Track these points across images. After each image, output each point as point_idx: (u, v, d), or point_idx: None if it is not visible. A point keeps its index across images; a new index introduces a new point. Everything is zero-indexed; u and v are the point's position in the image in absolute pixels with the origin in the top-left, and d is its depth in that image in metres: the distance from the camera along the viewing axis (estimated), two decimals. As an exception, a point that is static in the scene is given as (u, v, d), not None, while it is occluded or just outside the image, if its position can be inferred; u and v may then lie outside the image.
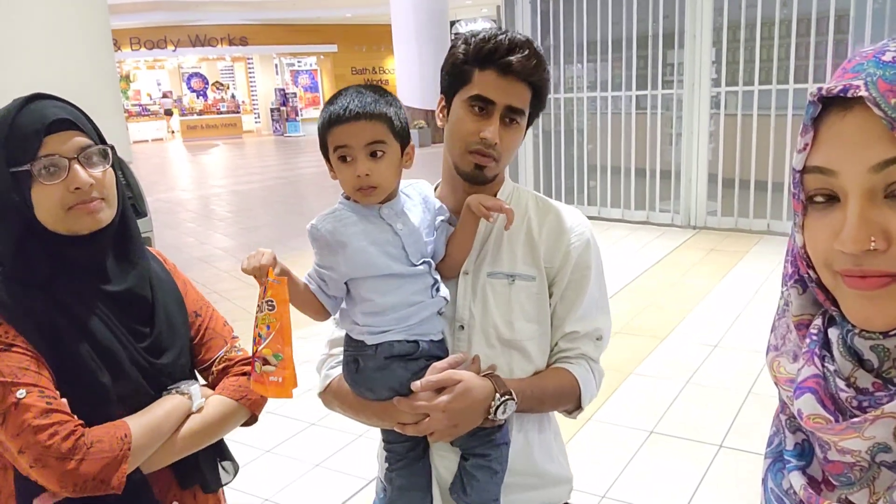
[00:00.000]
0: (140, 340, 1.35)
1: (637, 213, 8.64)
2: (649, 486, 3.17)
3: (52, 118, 1.23)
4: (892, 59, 0.62)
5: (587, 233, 1.49)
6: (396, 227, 1.35)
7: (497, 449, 1.38)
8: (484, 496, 1.38)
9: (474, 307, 1.43)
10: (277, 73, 29.51)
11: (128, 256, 1.38)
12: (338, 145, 1.32)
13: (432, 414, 1.31)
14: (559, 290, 1.46)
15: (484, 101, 1.36)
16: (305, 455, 3.60)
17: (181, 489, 1.42)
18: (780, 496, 0.76)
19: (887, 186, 0.62)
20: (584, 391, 1.46)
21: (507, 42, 1.35)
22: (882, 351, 0.67)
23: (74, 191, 1.24)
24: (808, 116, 0.67)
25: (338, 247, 1.33)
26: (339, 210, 1.37)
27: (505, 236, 1.46)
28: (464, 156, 1.39)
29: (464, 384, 1.32)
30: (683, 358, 4.54)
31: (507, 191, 1.50)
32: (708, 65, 7.85)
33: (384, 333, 1.35)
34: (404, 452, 1.44)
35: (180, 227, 10.08)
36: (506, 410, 1.33)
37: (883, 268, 0.63)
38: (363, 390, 1.40)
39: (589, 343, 1.48)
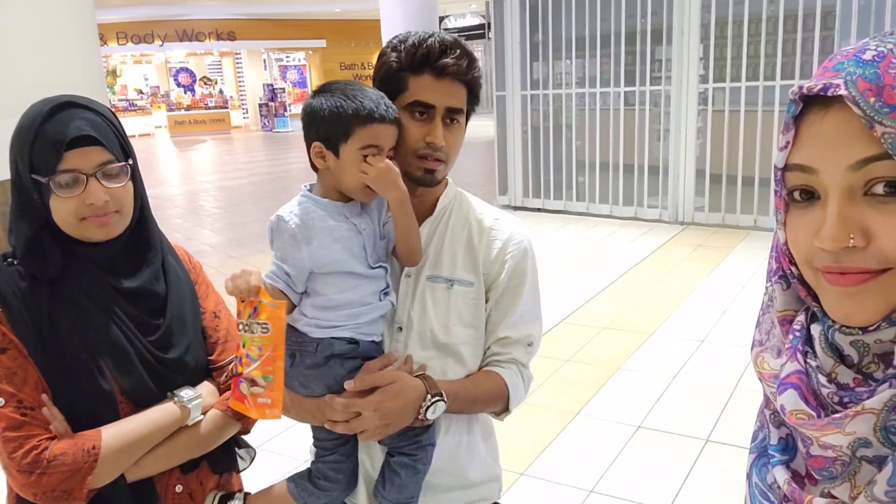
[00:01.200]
0: (149, 334, 1.36)
1: (625, 209, 8.66)
2: (636, 481, 3.19)
3: (73, 134, 1.23)
4: (872, 58, 0.63)
5: (525, 241, 1.51)
6: (360, 226, 1.36)
7: (423, 449, 1.41)
8: (404, 493, 1.40)
9: (413, 310, 1.45)
10: (266, 68, 29.39)
11: (143, 255, 1.38)
12: (372, 143, 1.31)
13: (364, 412, 1.32)
14: (495, 296, 1.48)
15: (424, 106, 1.38)
16: (296, 451, 3.59)
17: (183, 474, 1.43)
18: (765, 490, 0.77)
19: (866, 184, 0.63)
20: (513, 395, 1.49)
21: (437, 45, 1.36)
22: (862, 346, 0.68)
23: (89, 205, 1.26)
24: (790, 114, 0.68)
25: (303, 241, 1.33)
26: (304, 203, 1.37)
27: (446, 241, 1.48)
28: (413, 161, 1.40)
29: (397, 384, 1.33)
30: (670, 354, 4.57)
31: (450, 194, 1.52)
32: (696, 61, 7.87)
33: (332, 329, 1.36)
34: (332, 447, 1.46)
35: (168, 223, 10.03)
36: (436, 411, 1.35)
37: (862, 264, 0.64)
38: (297, 386, 1.40)
39: (520, 348, 1.51)
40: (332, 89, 1.34)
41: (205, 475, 1.48)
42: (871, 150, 0.61)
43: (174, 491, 1.41)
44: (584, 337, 4.88)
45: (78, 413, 1.28)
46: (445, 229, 1.49)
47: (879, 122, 0.60)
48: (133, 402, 1.34)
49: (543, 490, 3.16)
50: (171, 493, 1.41)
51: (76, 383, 1.28)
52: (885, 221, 0.62)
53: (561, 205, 9.20)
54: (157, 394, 1.36)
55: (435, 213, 1.49)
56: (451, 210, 1.51)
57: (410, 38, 1.39)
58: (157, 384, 1.36)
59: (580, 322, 5.21)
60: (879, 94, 0.60)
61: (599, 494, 3.10)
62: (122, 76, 28.40)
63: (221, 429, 1.44)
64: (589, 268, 6.61)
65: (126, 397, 1.33)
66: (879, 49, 0.63)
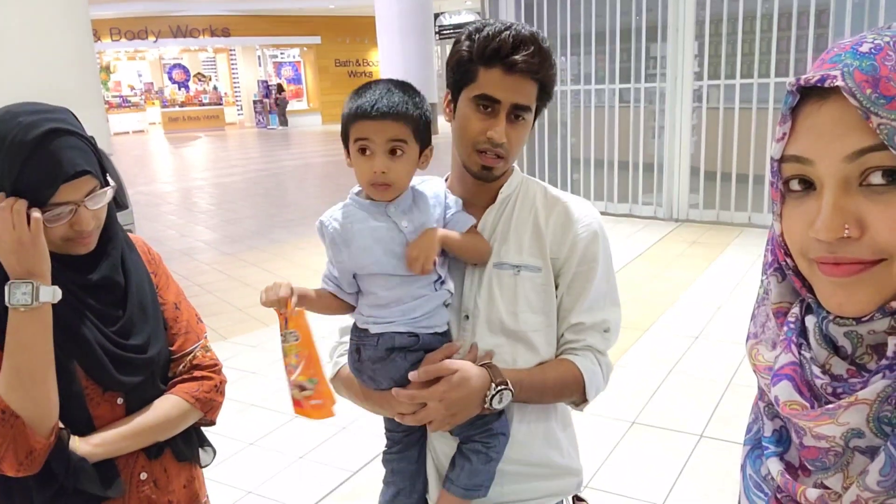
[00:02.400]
0: (111, 324, 1.37)
1: (620, 206, 8.67)
2: (631, 476, 3.20)
3: (70, 171, 1.23)
4: (869, 50, 0.63)
5: (595, 224, 1.47)
6: (401, 224, 1.35)
7: (495, 437, 1.39)
8: (474, 480, 1.39)
9: (479, 298, 1.43)
10: (260, 64, 29.33)
11: (102, 247, 1.39)
12: (359, 137, 1.32)
13: (429, 403, 1.33)
14: (565, 281, 1.45)
15: (490, 101, 1.35)
16: (289, 447, 3.60)
17: (149, 459, 1.44)
18: (759, 482, 0.77)
19: (861, 175, 0.63)
20: (589, 383, 1.44)
21: (511, 39, 1.32)
22: (855, 337, 0.68)
23: (77, 230, 1.28)
24: (787, 106, 0.68)
25: (343, 244, 1.36)
26: (347, 206, 1.39)
27: (512, 227, 1.46)
28: (471, 155, 1.39)
29: (460, 374, 1.32)
30: (665, 349, 4.58)
31: (514, 182, 1.49)
32: (690, 58, 7.88)
33: (388, 324, 1.37)
34: (400, 438, 1.47)
35: (162, 219, 10.00)
36: (502, 400, 1.34)
37: (856, 255, 0.64)
38: (365, 379, 1.42)
39: (595, 335, 1.47)
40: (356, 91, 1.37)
41: (169, 463, 1.48)
42: (867, 140, 0.61)
43: (139, 478, 1.42)
44: (578, 333, 4.86)
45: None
46: (511, 216, 1.46)
47: (875, 114, 0.60)
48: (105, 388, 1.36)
49: (538, 486, 3.17)
50: (135, 481, 1.42)
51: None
52: (879, 212, 0.62)
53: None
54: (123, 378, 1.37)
55: (498, 201, 1.47)
56: (515, 197, 1.49)
57: (486, 29, 1.35)
58: (121, 372, 1.37)
59: (575, 318, 5.21)
60: (876, 85, 0.61)
61: (594, 490, 3.11)
62: (115, 72, 28.31)
63: (184, 416, 1.46)
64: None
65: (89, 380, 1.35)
66: (876, 42, 0.64)
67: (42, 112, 1.26)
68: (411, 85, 1.38)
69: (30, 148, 1.21)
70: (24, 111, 1.25)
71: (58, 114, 1.28)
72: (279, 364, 1.38)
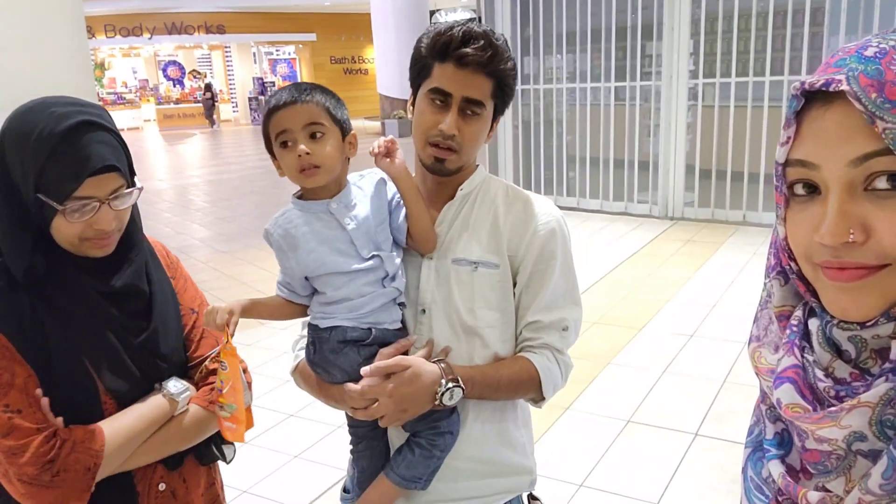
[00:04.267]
0: (137, 335, 1.34)
1: (615, 205, 8.68)
2: (626, 475, 3.21)
3: (97, 165, 1.20)
4: (874, 54, 0.63)
5: (553, 222, 1.48)
6: (344, 222, 1.37)
7: (441, 436, 1.41)
8: (412, 471, 1.41)
9: (437, 292, 1.44)
10: (255, 61, 29.26)
11: (126, 254, 1.36)
12: (278, 131, 1.35)
13: (380, 399, 1.34)
14: (523, 278, 1.46)
15: (442, 94, 1.38)
16: (284, 446, 3.59)
17: (168, 470, 1.41)
18: (760, 484, 0.77)
19: (866, 179, 0.63)
20: (545, 381, 1.45)
21: (461, 34, 1.36)
22: (859, 342, 0.68)
23: (96, 229, 1.24)
24: (791, 110, 0.68)
25: (289, 249, 1.38)
26: (288, 211, 1.41)
27: (471, 223, 1.47)
28: (425, 148, 1.42)
29: (412, 370, 1.34)
30: (660, 348, 4.59)
31: (476, 180, 1.51)
32: (686, 56, 7.89)
33: (334, 318, 1.39)
34: (364, 434, 1.48)
35: (156, 217, 9.98)
36: (453, 397, 1.35)
37: (861, 260, 0.64)
38: (320, 372, 1.44)
39: (553, 333, 1.47)
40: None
41: (188, 472, 1.45)
42: (872, 145, 0.61)
43: (157, 490, 1.39)
44: (574, 332, 4.87)
45: (62, 413, 1.25)
46: (469, 212, 1.48)
47: (881, 118, 0.60)
48: (122, 402, 1.32)
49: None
50: (153, 492, 1.38)
51: (60, 383, 1.25)
52: (884, 217, 0.62)
53: (551, 200, 9.19)
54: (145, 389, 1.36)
55: (458, 197, 1.48)
56: (476, 193, 1.50)
57: (440, 26, 1.40)
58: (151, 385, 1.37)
59: (570, 317, 5.21)
60: (881, 89, 0.61)
61: (589, 489, 3.11)
62: (110, 69, 28.20)
63: (204, 423, 1.43)
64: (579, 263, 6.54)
65: (114, 398, 1.31)
66: (881, 46, 0.64)
67: (76, 105, 1.23)
68: (321, 85, 1.42)
69: (59, 138, 1.17)
70: (59, 103, 1.22)
71: (92, 108, 1.25)
72: (274, 363, 1.40)
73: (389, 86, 16.91)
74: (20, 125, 1.20)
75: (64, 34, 5.30)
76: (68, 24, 5.36)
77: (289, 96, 1.35)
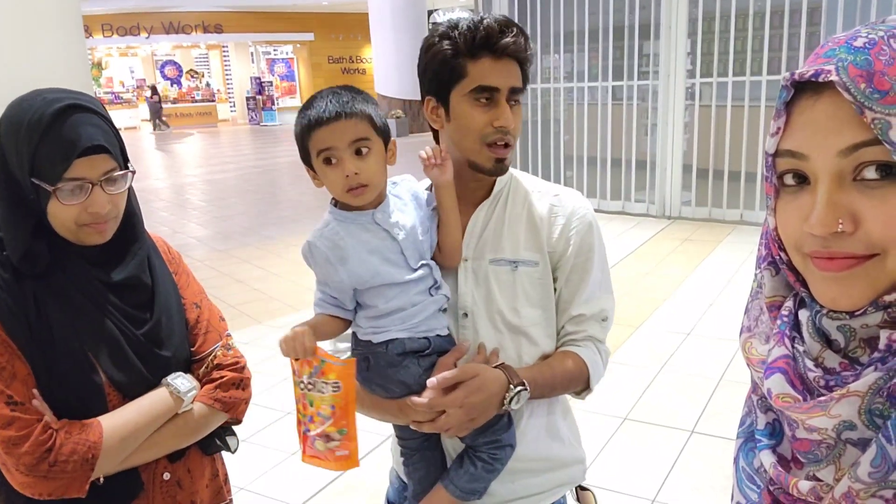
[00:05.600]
0: (139, 326, 1.35)
1: (613, 204, 8.68)
2: (623, 472, 3.21)
3: (86, 144, 1.21)
4: (863, 45, 0.63)
5: (589, 215, 1.47)
6: (394, 232, 1.33)
7: (502, 450, 1.38)
8: (473, 485, 1.38)
9: (477, 294, 1.42)
10: (253, 61, 29.23)
11: (128, 247, 1.37)
12: (322, 148, 1.28)
13: (449, 410, 1.29)
14: (563, 273, 1.44)
15: (488, 90, 1.33)
16: (281, 444, 3.59)
17: (171, 462, 1.42)
18: (751, 474, 0.78)
19: (855, 170, 0.63)
20: (593, 372, 1.45)
21: (496, 25, 1.32)
22: (848, 331, 0.69)
23: (91, 213, 1.25)
24: (781, 101, 0.68)
25: (338, 262, 1.31)
26: (331, 224, 1.33)
27: (506, 223, 1.44)
28: (481, 151, 1.36)
29: (480, 378, 1.31)
30: (657, 346, 4.59)
31: (505, 177, 1.47)
32: (683, 56, 7.90)
33: (387, 333, 1.34)
34: (418, 445, 1.44)
35: (154, 216, 9.97)
36: (519, 400, 1.33)
37: (850, 250, 0.64)
38: (375, 388, 1.39)
39: (595, 325, 1.47)
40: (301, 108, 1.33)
41: (193, 463, 1.47)
42: (862, 135, 0.62)
43: (161, 479, 1.41)
44: (571, 330, 4.87)
45: (67, 405, 1.27)
46: (504, 211, 1.45)
47: (870, 108, 0.61)
48: (126, 394, 1.33)
49: (531, 482, 3.17)
50: (158, 481, 1.40)
51: (66, 375, 1.26)
52: (873, 206, 0.63)
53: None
54: (154, 385, 1.37)
55: (491, 196, 1.45)
56: (507, 191, 1.47)
57: (463, 23, 1.34)
58: (156, 378, 1.37)
59: (568, 315, 5.22)
60: (870, 80, 0.61)
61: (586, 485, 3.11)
62: (107, 69, 28.16)
63: (208, 419, 1.43)
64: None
65: (117, 389, 1.32)
66: (870, 36, 0.64)
67: (67, 92, 1.26)
68: (354, 86, 1.35)
69: (49, 121, 1.20)
70: (50, 91, 1.25)
71: (82, 95, 1.27)
72: (272, 361, 1.37)
73: (387, 85, 16.88)
74: (14, 114, 1.23)
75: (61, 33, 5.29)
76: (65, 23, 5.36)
77: (333, 110, 1.26)
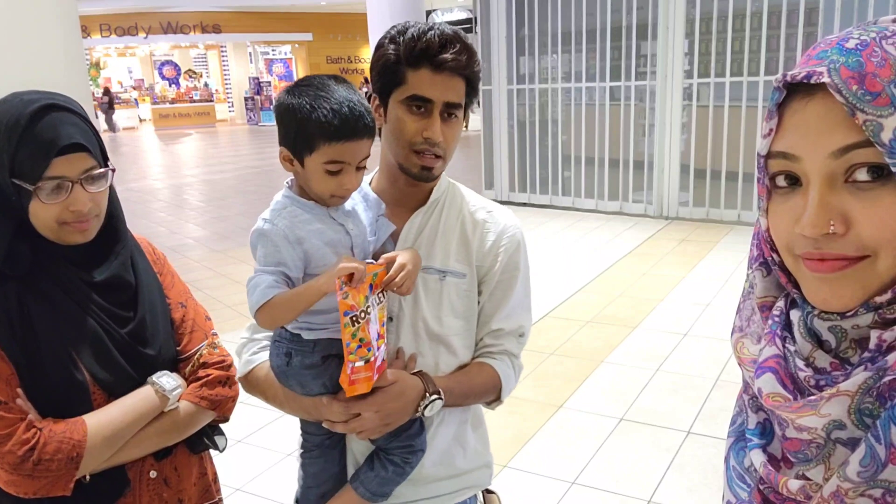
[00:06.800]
0: (123, 325, 1.35)
1: (610, 204, 8.69)
2: (618, 472, 3.21)
3: (64, 142, 1.22)
4: (855, 46, 0.63)
5: (518, 234, 1.51)
6: (348, 227, 1.33)
7: (414, 454, 1.41)
8: (383, 488, 1.40)
9: (404, 301, 1.43)
10: (251, 61, 29.22)
11: (112, 246, 1.38)
12: (338, 160, 1.26)
13: (364, 413, 1.31)
14: (488, 288, 1.48)
15: (422, 101, 1.35)
16: (277, 444, 3.59)
17: (157, 460, 1.42)
18: (742, 474, 0.78)
19: (847, 171, 0.64)
20: (505, 385, 1.49)
21: (437, 39, 1.33)
22: (839, 332, 0.69)
23: (72, 211, 1.25)
24: (773, 102, 0.68)
25: (295, 242, 1.28)
26: (288, 206, 1.31)
27: (439, 232, 1.46)
28: (409, 157, 1.38)
29: (399, 385, 1.33)
30: (653, 346, 4.60)
31: (442, 186, 1.51)
32: (681, 56, 7.90)
33: (322, 331, 1.34)
34: (321, 441, 1.45)
35: (151, 216, 9.97)
36: (433, 409, 1.36)
37: (841, 251, 0.65)
38: (293, 384, 1.38)
39: (512, 340, 1.51)
40: (302, 92, 1.27)
41: (180, 461, 1.47)
42: (853, 137, 0.62)
43: (148, 476, 1.41)
44: (568, 330, 4.90)
45: (51, 404, 1.27)
46: (438, 220, 1.47)
47: (861, 110, 0.61)
48: (111, 392, 1.33)
49: (526, 482, 3.18)
50: (145, 479, 1.40)
51: (50, 375, 1.26)
52: (864, 208, 0.63)
53: (547, 199, 9.22)
54: (139, 384, 1.37)
55: (427, 204, 1.47)
56: (443, 201, 1.50)
57: (409, 31, 1.36)
58: (142, 377, 1.37)
59: (565, 315, 5.23)
60: (862, 81, 0.61)
61: (581, 486, 3.12)
62: (105, 69, 28.14)
63: (194, 418, 1.43)
64: (574, 262, 6.62)
65: (101, 388, 1.32)
66: (862, 38, 0.64)
67: (44, 93, 1.27)
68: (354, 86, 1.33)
69: (26, 121, 1.20)
70: (28, 92, 1.26)
71: (59, 96, 1.28)
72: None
73: (385, 85, 16.83)
74: None
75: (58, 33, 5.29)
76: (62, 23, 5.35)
77: (361, 125, 1.25)
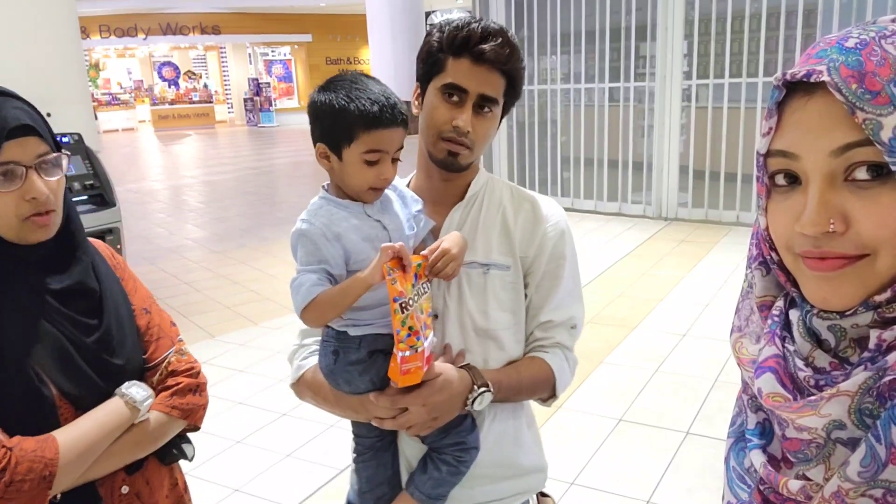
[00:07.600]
0: (89, 334, 1.30)
1: (609, 205, 8.69)
2: (617, 473, 3.21)
3: (13, 124, 1.18)
4: (855, 45, 0.63)
5: (562, 223, 1.49)
6: (385, 223, 1.33)
7: (467, 452, 1.38)
8: (438, 490, 1.38)
9: (449, 297, 1.42)
10: (251, 62, 29.23)
11: (72, 252, 1.33)
12: (376, 148, 1.27)
13: (412, 408, 1.29)
14: (535, 280, 1.46)
15: (457, 90, 1.36)
16: (276, 445, 3.59)
17: (128, 475, 1.37)
18: (742, 474, 0.78)
19: (847, 170, 0.63)
20: (559, 380, 1.46)
21: (480, 30, 1.34)
22: (839, 331, 0.69)
23: (30, 200, 1.21)
24: (773, 101, 0.68)
25: (334, 239, 1.29)
26: (325, 206, 1.33)
27: (480, 226, 1.45)
28: (437, 143, 1.39)
29: (444, 377, 1.31)
30: (652, 347, 4.60)
31: (480, 181, 1.50)
32: (680, 57, 7.91)
33: (367, 327, 1.33)
34: (372, 443, 1.44)
35: (151, 217, 9.96)
36: (482, 402, 1.33)
37: (841, 250, 0.64)
38: (340, 383, 1.37)
39: (563, 332, 1.48)
40: (337, 87, 1.30)
41: (151, 474, 1.42)
42: (853, 136, 0.62)
43: (120, 492, 1.35)
44: (567, 331, 4.88)
45: (17, 422, 1.20)
46: (478, 214, 1.46)
47: (861, 109, 0.61)
48: (78, 406, 1.27)
49: (527, 483, 3.17)
50: (116, 495, 1.35)
51: (14, 390, 1.20)
52: (864, 207, 0.63)
53: (547, 200, 9.22)
54: (107, 395, 1.31)
55: (466, 199, 1.47)
56: (482, 195, 1.49)
57: (456, 21, 1.37)
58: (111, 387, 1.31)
59: (564, 317, 5.22)
60: (861, 80, 0.61)
61: (580, 486, 3.12)
62: (105, 70, 28.14)
63: (165, 428, 1.39)
64: (573, 263, 6.61)
65: (69, 401, 1.27)
66: (862, 37, 0.64)
67: None
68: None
69: None
70: None
71: (7, 88, 1.24)
72: (266, 362, 1.34)
73: (384, 86, 16.84)
74: None
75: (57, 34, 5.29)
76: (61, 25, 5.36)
77: (399, 114, 1.28)
